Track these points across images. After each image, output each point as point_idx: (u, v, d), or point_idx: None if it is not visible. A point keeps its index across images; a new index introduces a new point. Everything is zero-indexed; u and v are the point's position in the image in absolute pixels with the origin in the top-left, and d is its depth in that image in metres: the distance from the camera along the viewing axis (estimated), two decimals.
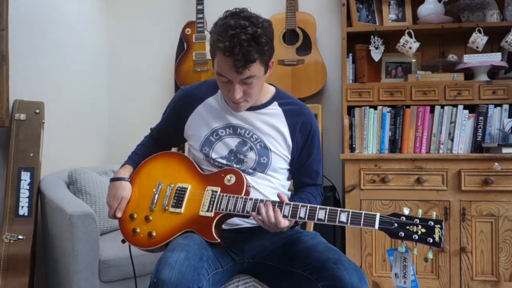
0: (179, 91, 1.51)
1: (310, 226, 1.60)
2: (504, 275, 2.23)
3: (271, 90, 1.45)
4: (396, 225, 1.14)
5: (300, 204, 1.22)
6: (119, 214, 1.39)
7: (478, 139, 2.38)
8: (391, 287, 2.31)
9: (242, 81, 1.25)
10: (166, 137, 1.56)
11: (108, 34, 3.14)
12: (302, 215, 1.21)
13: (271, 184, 1.41)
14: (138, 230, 1.33)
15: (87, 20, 2.89)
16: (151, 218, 1.34)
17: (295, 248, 1.31)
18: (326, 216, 1.19)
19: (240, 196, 1.27)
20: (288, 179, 1.49)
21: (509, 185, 2.22)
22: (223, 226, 1.35)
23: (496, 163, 2.22)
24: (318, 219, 1.19)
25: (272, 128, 1.40)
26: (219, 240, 1.25)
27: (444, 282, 2.26)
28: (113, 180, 1.44)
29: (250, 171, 1.38)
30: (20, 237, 1.98)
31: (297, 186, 1.49)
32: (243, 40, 1.18)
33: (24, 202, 2.03)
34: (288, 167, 1.45)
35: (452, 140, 2.41)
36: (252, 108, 1.39)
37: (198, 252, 1.20)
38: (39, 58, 2.34)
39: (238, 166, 1.38)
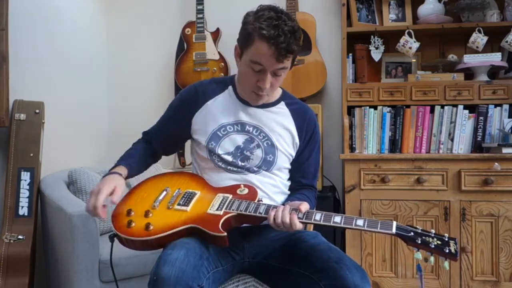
0: (188, 87, 1.50)
1: (310, 226, 1.60)
2: (504, 275, 2.23)
3: (279, 90, 1.49)
4: (412, 233, 1.14)
5: (315, 211, 1.21)
6: (115, 198, 1.24)
7: (478, 139, 2.39)
8: (391, 287, 2.31)
9: (274, 71, 1.30)
10: (166, 137, 1.51)
11: (108, 34, 3.14)
12: (317, 218, 1.19)
13: (274, 183, 1.41)
14: (133, 224, 1.23)
15: (87, 20, 2.89)
16: (151, 214, 1.26)
17: (296, 247, 1.31)
18: (342, 220, 1.17)
19: (252, 201, 1.26)
20: (289, 178, 1.49)
21: (509, 185, 2.22)
22: None
23: (496, 163, 2.22)
24: (334, 222, 1.18)
25: (281, 126, 1.42)
26: (225, 234, 1.17)
27: (444, 282, 2.26)
28: (105, 175, 1.34)
29: (255, 169, 1.39)
30: (20, 237, 1.98)
31: (292, 186, 1.48)
32: (286, 31, 1.24)
33: (24, 202, 2.03)
34: (290, 167, 1.46)
35: (452, 140, 2.41)
36: (262, 106, 1.42)
37: (199, 250, 1.20)
38: (39, 58, 2.34)
39: (243, 163, 1.38)
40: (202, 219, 1.23)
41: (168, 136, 1.52)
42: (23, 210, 2.02)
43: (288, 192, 1.48)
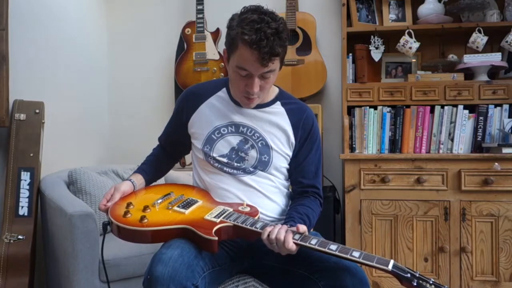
0: (183, 91, 1.53)
1: None
2: (504, 275, 2.23)
3: (275, 90, 1.48)
4: (409, 275, 1.08)
5: (312, 236, 1.17)
6: (109, 203, 1.33)
7: (478, 139, 2.39)
8: (391, 287, 2.31)
9: (262, 75, 1.28)
10: (173, 141, 1.57)
11: (108, 34, 3.14)
12: (313, 242, 1.13)
13: (272, 183, 1.41)
14: (129, 215, 1.25)
15: (87, 20, 2.89)
16: (149, 210, 1.27)
17: None
18: (338, 249, 1.12)
19: (251, 217, 1.24)
20: (287, 179, 1.49)
21: (509, 185, 2.22)
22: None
23: (496, 163, 2.22)
24: (329, 249, 1.12)
25: (275, 126, 1.41)
26: (216, 238, 1.15)
27: (444, 282, 2.26)
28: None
29: (251, 169, 1.39)
30: (20, 237, 1.98)
31: (294, 188, 1.47)
32: (269, 34, 1.21)
33: (24, 202, 2.03)
34: (288, 167, 1.45)
35: (452, 140, 2.41)
36: (256, 106, 1.41)
37: (194, 250, 1.19)
38: (39, 58, 2.34)
39: (239, 164, 1.38)
40: (197, 222, 1.23)
41: (174, 140, 1.57)
42: (23, 210, 2.02)
43: (287, 191, 1.47)
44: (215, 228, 1.19)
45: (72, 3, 2.69)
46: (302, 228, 1.17)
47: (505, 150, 2.22)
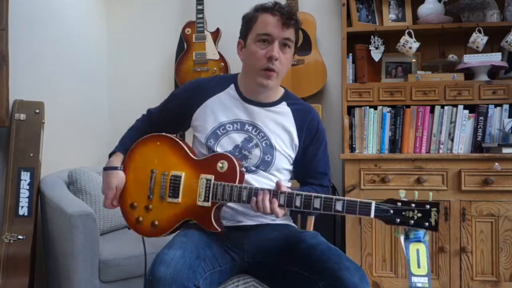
0: (192, 81, 1.52)
1: (310, 226, 1.60)
2: (504, 275, 2.23)
3: (281, 90, 1.49)
4: (392, 212, 1.15)
5: (295, 192, 1.22)
6: (115, 203, 1.42)
7: (478, 139, 2.39)
8: (391, 287, 2.31)
9: (282, 42, 1.34)
10: (166, 122, 1.52)
11: (108, 34, 3.14)
12: (297, 203, 1.21)
13: (273, 184, 1.40)
14: (141, 219, 1.37)
15: (87, 20, 2.89)
16: (150, 207, 1.36)
17: (296, 247, 1.31)
18: (322, 204, 1.19)
19: (235, 185, 1.27)
20: (288, 180, 1.49)
21: (509, 185, 2.22)
22: (224, 223, 1.35)
23: (496, 163, 2.22)
24: (314, 208, 1.20)
25: (280, 126, 1.42)
26: (219, 230, 1.28)
27: (444, 282, 2.26)
28: (106, 169, 1.44)
29: (253, 168, 1.39)
30: (20, 237, 1.98)
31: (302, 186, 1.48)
32: (285, 5, 1.37)
33: (24, 202, 2.03)
34: (291, 168, 1.46)
35: (452, 140, 2.41)
36: (262, 105, 1.42)
37: (195, 250, 1.21)
38: (39, 58, 2.34)
39: (241, 162, 1.38)
40: (194, 211, 1.30)
41: (168, 123, 1.52)
42: (23, 210, 2.02)
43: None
44: (212, 215, 1.27)
45: (72, 3, 2.69)
46: (283, 187, 1.23)
47: (505, 150, 2.22)
